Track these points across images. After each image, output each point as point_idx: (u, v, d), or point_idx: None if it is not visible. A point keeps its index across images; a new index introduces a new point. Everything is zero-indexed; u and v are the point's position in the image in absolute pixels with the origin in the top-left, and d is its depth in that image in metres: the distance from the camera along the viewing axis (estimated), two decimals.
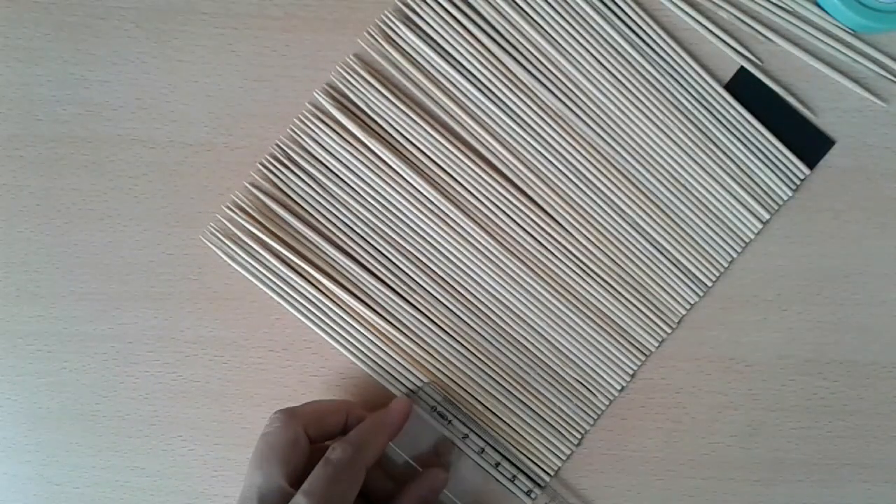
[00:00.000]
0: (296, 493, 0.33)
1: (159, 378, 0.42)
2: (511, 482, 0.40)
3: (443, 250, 0.41)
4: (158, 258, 0.42)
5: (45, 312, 0.42)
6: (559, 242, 0.41)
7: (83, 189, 0.42)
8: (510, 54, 0.41)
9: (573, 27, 0.41)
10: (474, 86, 0.41)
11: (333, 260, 0.41)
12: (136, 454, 0.42)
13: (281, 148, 0.41)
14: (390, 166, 0.41)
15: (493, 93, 0.41)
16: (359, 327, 0.41)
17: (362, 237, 0.41)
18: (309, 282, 0.41)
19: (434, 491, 0.38)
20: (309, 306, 0.41)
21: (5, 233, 0.42)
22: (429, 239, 0.41)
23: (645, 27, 0.41)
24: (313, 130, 0.41)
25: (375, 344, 0.41)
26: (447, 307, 0.41)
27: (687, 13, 0.41)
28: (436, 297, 0.41)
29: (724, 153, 0.41)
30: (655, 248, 0.41)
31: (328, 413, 0.37)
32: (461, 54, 0.41)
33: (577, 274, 0.41)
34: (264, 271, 0.41)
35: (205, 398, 0.42)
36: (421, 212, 0.41)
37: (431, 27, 0.41)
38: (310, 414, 0.36)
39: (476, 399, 0.41)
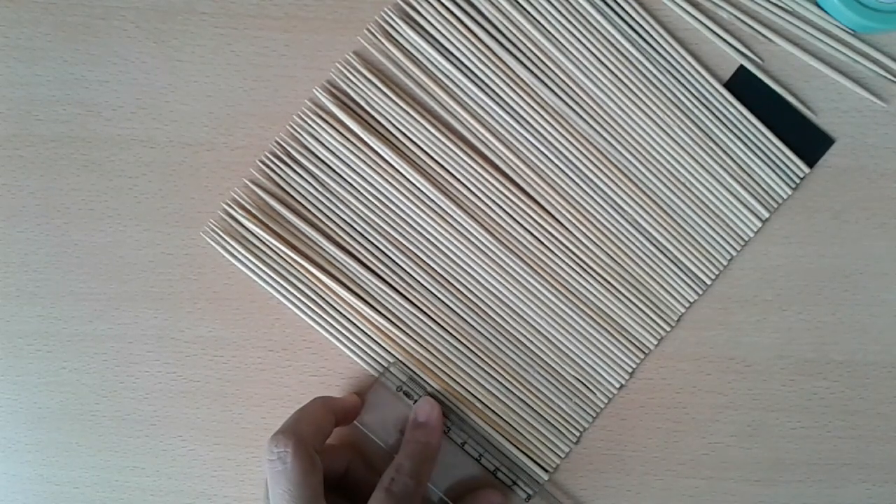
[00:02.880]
0: None
1: (159, 378, 0.42)
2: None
3: (442, 248, 0.41)
4: (158, 258, 0.42)
5: (45, 312, 0.42)
6: (559, 240, 0.41)
7: (83, 189, 0.42)
8: (510, 52, 0.41)
9: (573, 24, 0.41)
10: (474, 83, 0.41)
11: (333, 257, 0.41)
12: (136, 454, 0.42)
13: (281, 145, 0.41)
14: (390, 164, 0.41)
15: (492, 90, 0.41)
16: (358, 324, 0.41)
17: (362, 234, 0.41)
18: (308, 279, 0.41)
19: None
20: (308, 303, 0.41)
21: (5, 233, 0.42)
22: (428, 236, 0.41)
23: (645, 25, 0.41)
24: (313, 128, 0.41)
25: (375, 341, 0.41)
26: (447, 305, 0.41)
27: (687, 12, 0.41)
28: (435, 295, 0.41)
29: (724, 151, 0.41)
30: (655, 245, 0.41)
31: (322, 421, 0.37)
32: (461, 52, 0.41)
33: (576, 271, 0.41)
34: (263, 268, 0.41)
35: (205, 398, 0.42)
36: (420, 209, 0.41)
37: (431, 24, 0.41)
38: (312, 432, 0.36)
39: (475, 396, 0.41)
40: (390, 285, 0.41)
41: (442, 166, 0.41)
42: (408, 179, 0.41)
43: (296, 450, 0.34)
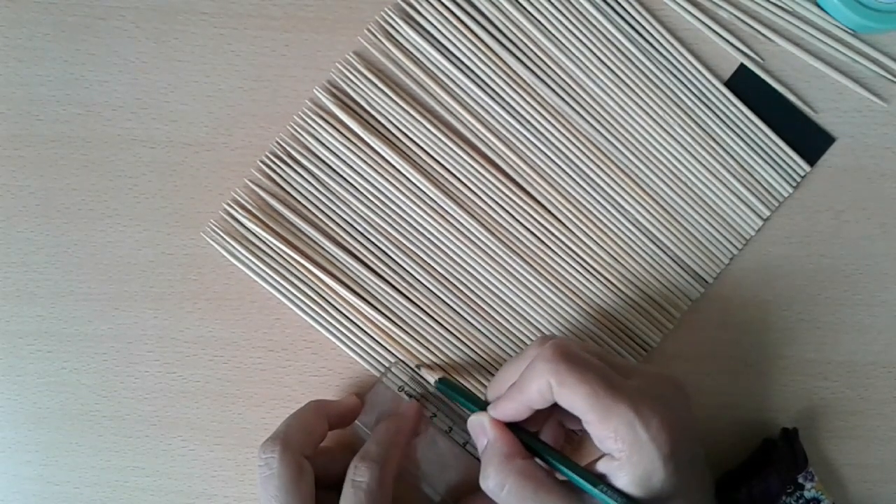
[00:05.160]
0: None
1: (159, 378, 0.42)
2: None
3: (443, 247, 0.41)
4: (158, 258, 0.42)
5: (45, 312, 0.42)
6: (560, 240, 0.41)
7: (83, 189, 0.42)
8: (511, 52, 0.41)
9: (574, 24, 0.41)
10: (475, 83, 0.41)
11: (334, 257, 0.41)
12: (136, 454, 0.42)
13: (281, 145, 0.41)
14: (391, 163, 0.41)
15: (493, 90, 0.41)
16: (358, 323, 0.41)
17: (363, 234, 0.41)
18: (309, 278, 0.41)
19: None
20: (309, 303, 0.41)
21: (5, 233, 0.42)
22: (429, 235, 0.41)
23: (646, 25, 0.41)
24: (313, 128, 0.41)
25: (375, 340, 0.41)
26: (449, 304, 0.41)
27: (688, 11, 0.41)
28: (436, 294, 0.41)
29: (725, 150, 0.41)
30: (656, 244, 0.41)
31: (313, 426, 0.37)
32: (461, 51, 0.41)
33: (578, 270, 0.41)
34: (264, 268, 0.41)
35: (205, 398, 0.42)
36: (422, 209, 0.41)
37: (432, 24, 0.41)
38: (301, 438, 0.36)
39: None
40: (391, 285, 0.41)
41: (443, 166, 0.41)
42: (408, 179, 0.41)
43: (282, 456, 0.34)
